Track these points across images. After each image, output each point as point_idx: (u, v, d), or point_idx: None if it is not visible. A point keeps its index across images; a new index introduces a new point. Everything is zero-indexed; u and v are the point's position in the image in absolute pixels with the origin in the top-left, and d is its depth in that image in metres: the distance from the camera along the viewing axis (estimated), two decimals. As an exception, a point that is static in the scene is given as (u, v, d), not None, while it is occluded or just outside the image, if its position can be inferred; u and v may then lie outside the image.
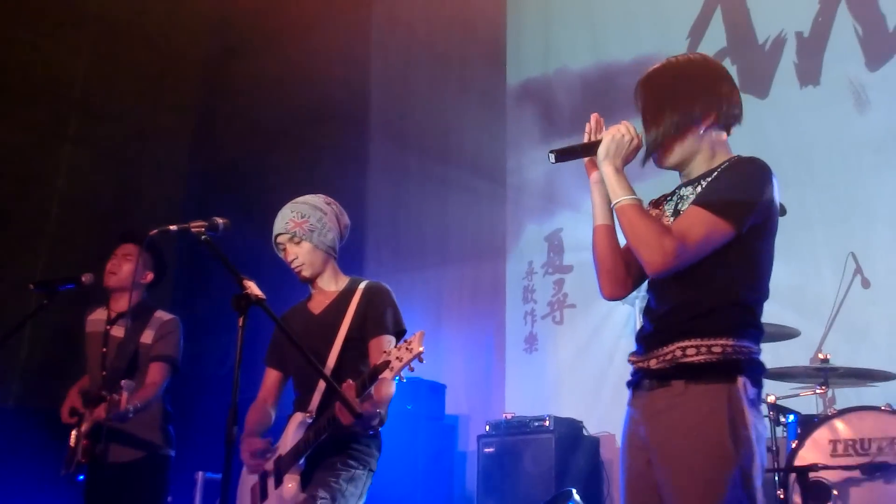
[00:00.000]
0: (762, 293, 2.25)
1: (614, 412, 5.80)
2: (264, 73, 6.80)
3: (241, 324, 2.53)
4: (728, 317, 2.17)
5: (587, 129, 2.38)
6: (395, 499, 5.48)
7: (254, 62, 6.82)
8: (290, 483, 3.00)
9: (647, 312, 2.32)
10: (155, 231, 2.81)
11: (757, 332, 2.21)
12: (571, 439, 5.50)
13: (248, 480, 3.21)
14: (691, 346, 2.14)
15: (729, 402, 2.09)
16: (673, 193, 2.38)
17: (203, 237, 2.72)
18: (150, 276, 4.23)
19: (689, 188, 2.30)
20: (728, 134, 2.38)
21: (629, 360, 2.33)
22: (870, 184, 5.45)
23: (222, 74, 6.93)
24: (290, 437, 3.09)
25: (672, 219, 2.31)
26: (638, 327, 2.41)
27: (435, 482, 5.95)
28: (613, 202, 2.21)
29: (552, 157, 2.31)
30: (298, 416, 3.14)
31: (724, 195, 2.17)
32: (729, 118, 2.34)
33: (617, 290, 2.39)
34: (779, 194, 2.31)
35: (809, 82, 5.91)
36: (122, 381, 3.67)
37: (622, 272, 2.36)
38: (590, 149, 2.30)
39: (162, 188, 6.85)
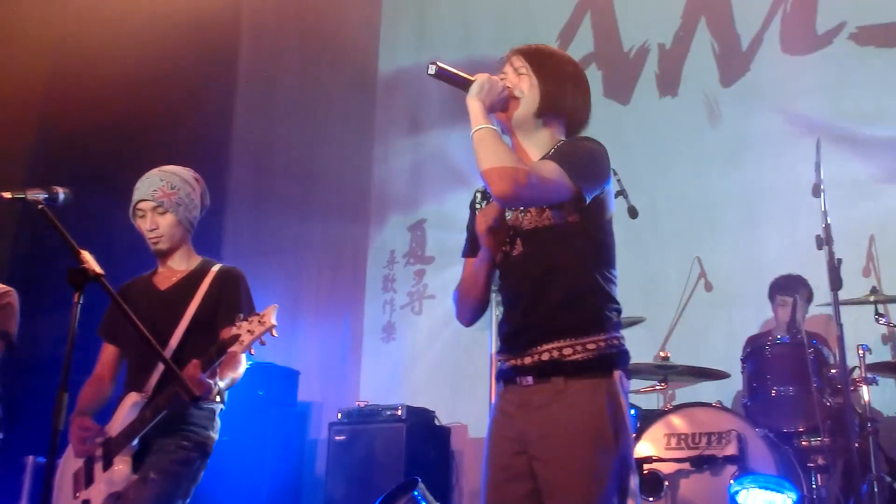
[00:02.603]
0: (615, 276, 2.32)
1: (468, 403, 5.93)
2: (121, 37, 6.49)
3: (76, 300, 2.40)
4: (594, 310, 2.23)
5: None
6: (242, 485, 5.40)
7: (110, 26, 6.50)
8: (121, 465, 2.89)
9: (509, 309, 2.35)
10: (-15, 198, 2.62)
11: (620, 318, 2.29)
12: (423, 429, 5.54)
13: (69, 466, 3.06)
14: (567, 347, 2.19)
15: (608, 396, 2.17)
16: None
17: (39, 206, 2.57)
18: None
19: None
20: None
21: (498, 359, 2.36)
22: (717, 193, 5.73)
23: (75, 34, 6.58)
24: (123, 417, 2.97)
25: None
26: (497, 322, 2.44)
27: (284, 470, 5.88)
28: (475, 129, 2.21)
29: (432, 68, 2.27)
30: (133, 396, 3.02)
31: (571, 157, 2.22)
32: (574, 126, 2.44)
33: (475, 320, 2.47)
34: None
35: (668, 93, 6.15)
36: None
37: (485, 304, 2.43)
38: (466, 83, 2.29)
39: (6, 156, 6.42)
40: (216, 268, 3.25)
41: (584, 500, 2.11)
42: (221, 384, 2.96)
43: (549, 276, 2.25)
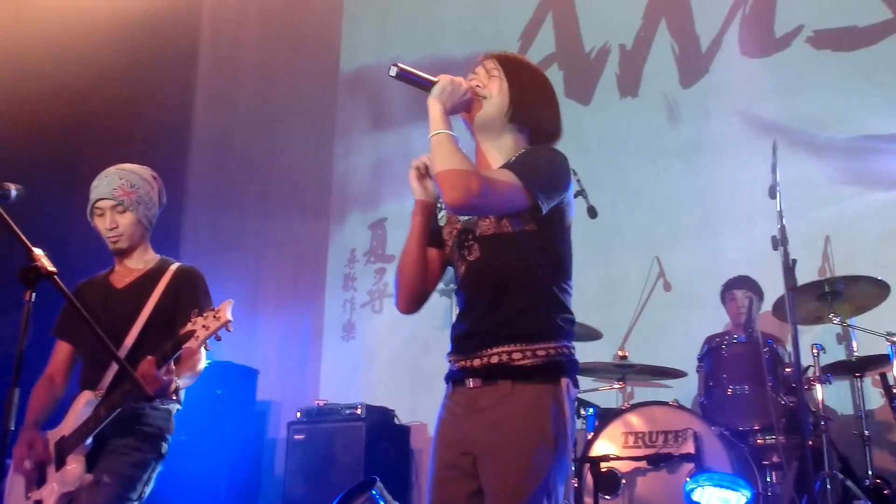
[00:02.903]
0: (570, 286, 2.34)
1: (427, 402, 5.91)
2: (78, 31, 6.37)
3: (28, 298, 2.35)
4: (547, 318, 2.25)
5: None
6: (200, 485, 5.35)
7: (67, 20, 6.38)
8: (74, 464, 2.85)
9: (463, 312, 2.35)
10: (-71, 194, 2.56)
11: (572, 327, 2.31)
12: (382, 427, 5.53)
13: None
14: (517, 351, 2.20)
15: (554, 402, 2.18)
16: None
17: (-11, 202, 2.52)
18: None
19: None
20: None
21: (448, 360, 2.36)
22: (676, 194, 5.79)
23: (29, 27, 6.45)
24: (76, 416, 2.93)
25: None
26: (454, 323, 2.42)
27: (242, 469, 5.83)
28: (433, 132, 2.22)
29: (394, 69, 2.25)
30: (87, 395, 2.97)
31: (529, 167, 2.23)
32: (540, 137, 2.45)
33: (413, 307, 2.44)
34: (573, 188, 2.42)
35: (629, 93, 6.20)
36: None
37: (422, 291, 2.42)
38: (429, 84, 2.27)
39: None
40: (174, 266, 3.23)
41: (516, 498, 2.12)
42: (180, 382, 2.93)
43: (504, 283, 2.26)
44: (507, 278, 2.26)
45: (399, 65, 2.26)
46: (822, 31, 5.60)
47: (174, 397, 3.05)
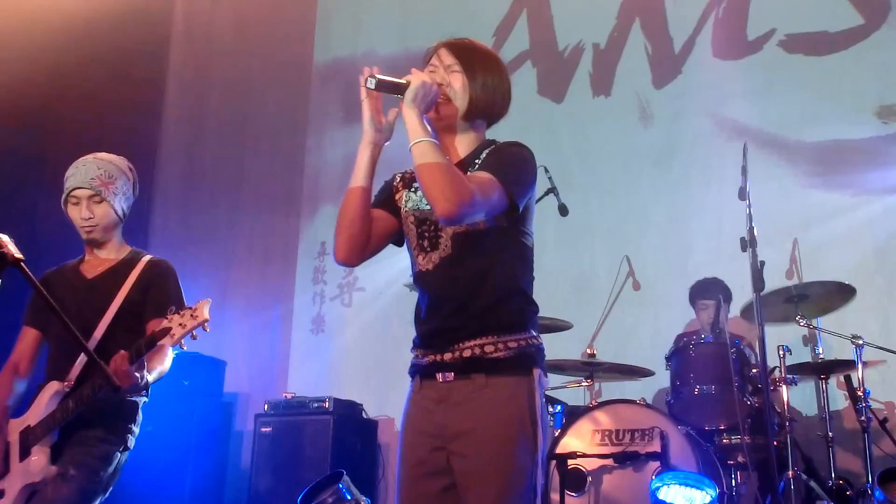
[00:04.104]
0: (533, 276, 2.35)
1: (395, 397, 5.91)
2: (49, 18, 6.27)
3: (-5, 285, 2.31)
4: (517, 310, 2.26)
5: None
6: (165, 477, 5.30)
7: (38, 7, 6.28)
8: (38, 455, 2.82)
9: (433, 308, 2.32)
10: None
11: (536, 317, 2.33)
12: (350, 421, 5.53)
13: None
14: (489, 344, 2.21)
15: (528, 393, 2.20)
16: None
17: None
18: None
19: None
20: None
21: (413, 353, 2.34)
22: (647, 193, 5.82)
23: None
24: (43, 406, 2.89)
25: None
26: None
27: (208, 461, 5.79)
28: (414, 140, 2.17)
29: (372, 81, 2.22)
30: (54, 385, 2.94)
31: (506, 168, 2.23)
32: (495, 120, 2.46)
33: (352, 257, 2.37)
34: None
35: (602, 93, 6.22)
36: None
37: (362, 241, 2.35)
38: (403, 88, 2.24)
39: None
40: (146, 258, 3.21)
41: (503, 495, 2.12)
42: (150, 378, 2.91)
43: (477, 280, 2.25)
44: (478, 275, 2.25)
45: (377, 76, 2.22)
46: (795, 35, 5.66)
47: (143, 393, 3.02)
